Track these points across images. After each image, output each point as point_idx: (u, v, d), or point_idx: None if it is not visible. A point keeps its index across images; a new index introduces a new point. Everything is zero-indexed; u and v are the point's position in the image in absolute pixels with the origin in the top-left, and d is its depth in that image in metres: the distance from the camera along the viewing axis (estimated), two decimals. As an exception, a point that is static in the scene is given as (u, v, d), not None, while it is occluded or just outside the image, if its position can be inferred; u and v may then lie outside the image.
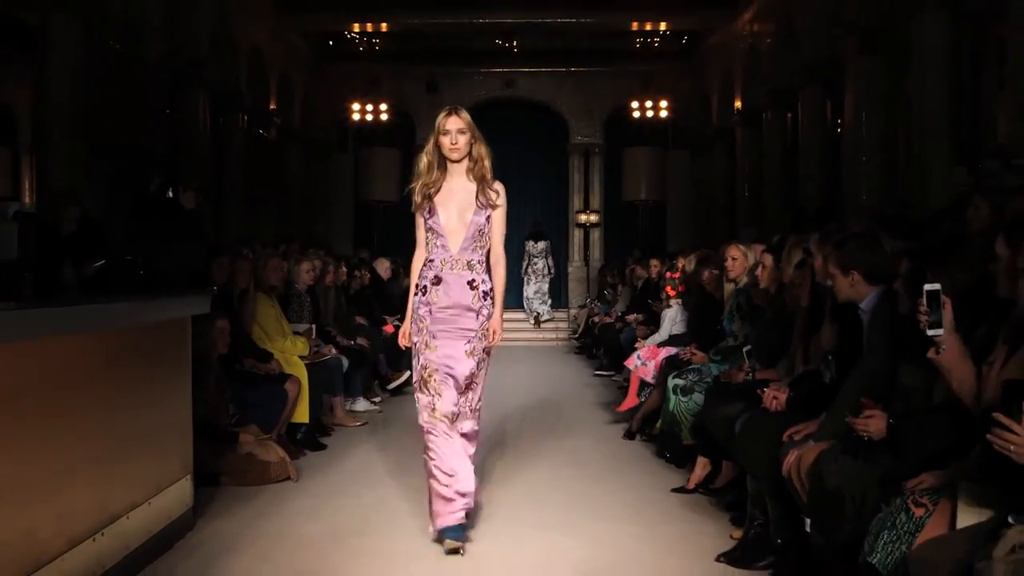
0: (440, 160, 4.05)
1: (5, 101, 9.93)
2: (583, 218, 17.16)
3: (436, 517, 4.02)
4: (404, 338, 4.16)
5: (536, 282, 16.03)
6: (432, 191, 4.04)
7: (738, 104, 13.98)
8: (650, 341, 7.24)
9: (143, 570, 3.73)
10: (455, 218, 4.02)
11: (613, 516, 4.62)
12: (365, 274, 9.80)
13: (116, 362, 3.70)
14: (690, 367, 5.71)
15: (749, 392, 4.29)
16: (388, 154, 16.04)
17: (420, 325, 4.04)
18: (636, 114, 16.49)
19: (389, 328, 8.72)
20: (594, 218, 17.14)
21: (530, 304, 16.00)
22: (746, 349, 4.79)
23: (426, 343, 4.01)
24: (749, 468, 4.00)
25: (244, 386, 5.68)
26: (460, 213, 4.02)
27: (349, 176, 16.82)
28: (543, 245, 16.19)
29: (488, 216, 4.04)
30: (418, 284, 4.09)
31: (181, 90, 10.73)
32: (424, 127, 15.03)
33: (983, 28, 8.16)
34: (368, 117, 16.39)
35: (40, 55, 8.28)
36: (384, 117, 16.43)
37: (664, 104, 16.34)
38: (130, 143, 9.11)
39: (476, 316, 4.01)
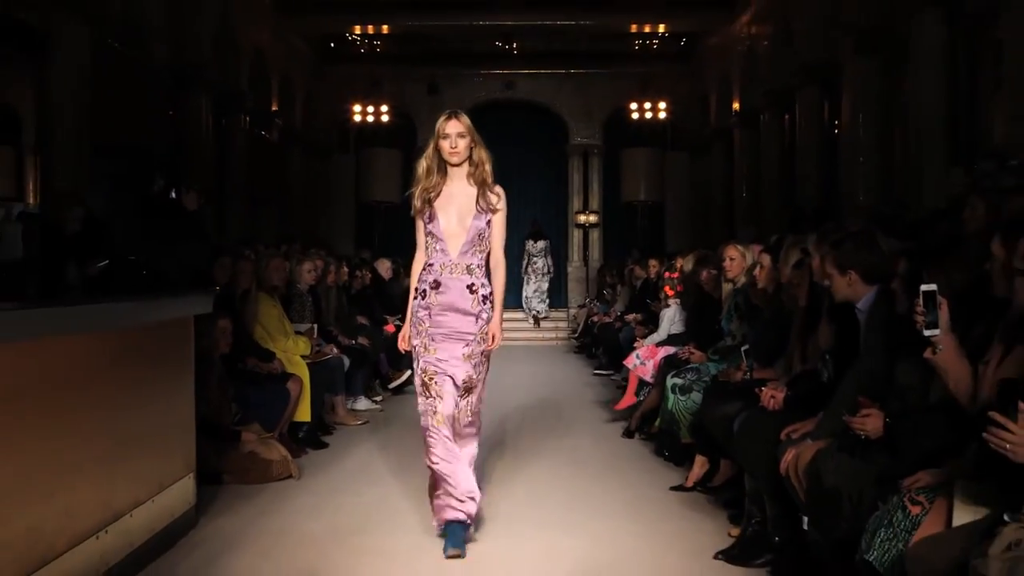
0: (440, 164, 4.00)
1: (8, 101, 9.93)
2: (582, 219, 17.15)
3: (438, 511, 4.04)
4: (404, 342, 4.12)
5: (535, 281, 16.03)
6: (432, 195, 4.00)
7: (736, 105, 13.98)
8: (649, 340, 7.25)
9: (146, 567, 3.73)
10: (455, 222, 3.98)
11: (612, 514, 4.63)
12: (366, 274, 9.80)
13: (119, 362, 3.70)
14: (688, 366, 5.71)
15: (747, 391, 4.29)
16: (389, 155, 16.06)
17: (419, 328, 4.00)
18: (635, 115, 16.48)
19: (390, 328, 8.73)
20: (593, 219, 17.14)
21: (529, 303, 16.00)
22: (744, 348, 4.79)
23: (425, 346, 3.98)
24: (747, 466, 4.00)
25: (246, 385, 5.69)
26: (460, 218, 3.97)
27: (350, 177, 16.82)
28: (542, 244, 16.19)
29: (488, 220, 3.99)
30: (417, 288, 4.05)
31: (183, 91, 10.72)
32: (425, 128, 15.09)
33: (979, 30, 8.15)
34: (369, 118, 16.37)
35: (43, 56, 8.27)
36: (385, 118, 16.41)
37: (663, 105, 16.34)
38: (133, 144, 9.11)
39: (475, 320, 3.97)
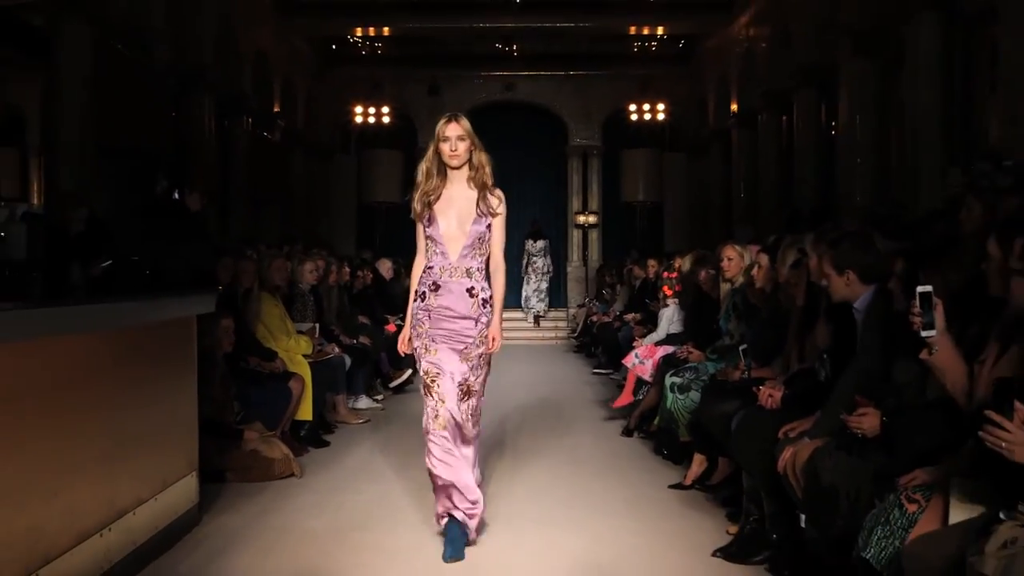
0: (440, 167, 3.97)
1: (14, 103, 9.94)
2: (582, 219, 17.16)
3: (439, 515, 4.04)
4: (404, 344, 4.09)
5: (535, 281, 16.03)
6: (432, 199, 3.96)
7: (734, 107, 13.98)
8: (648, 340, 7.25)
9: (149, 565, 3.74)
10: (455, 226, 3.94)
11: (612, 512, 4.63)
12: (367, 274, 9.80)
13: (122, 361, 3.70)
14: (687, 365, 5.71)
15: (745, 390, 4.29)
16: (390, 156, 16.07)
17: (420, 330, 3.97)
18: (634, 117, 16.49)
19: (391, 327, 8.73)
20: (592, 219, 17.14)
21: (528, 303, 16.00)
22: (742, 348, 4.78)
23: (427, 347, 3.95)
24: (745, 465, 4.00)
25: (249, 384, 5.69)
26: (460, 221, 3.93)
27: (352, 178, 16.81)
28: (542, 244, 16.19)
29: (488, 224, 3.96)
30: (417, 290, 4.01)
31: (187, 94, 10.71)
32: (425, 130, 15.07)
33: (975, 32, 8.15)
34: (370, 120, 16.38)
35: (48, 58, 8.27)
36: (386, 120, 16.42)
37: (661, 107, 16.35)
38: (136, 145, 9.10)
39: (475, 324, 3.93)
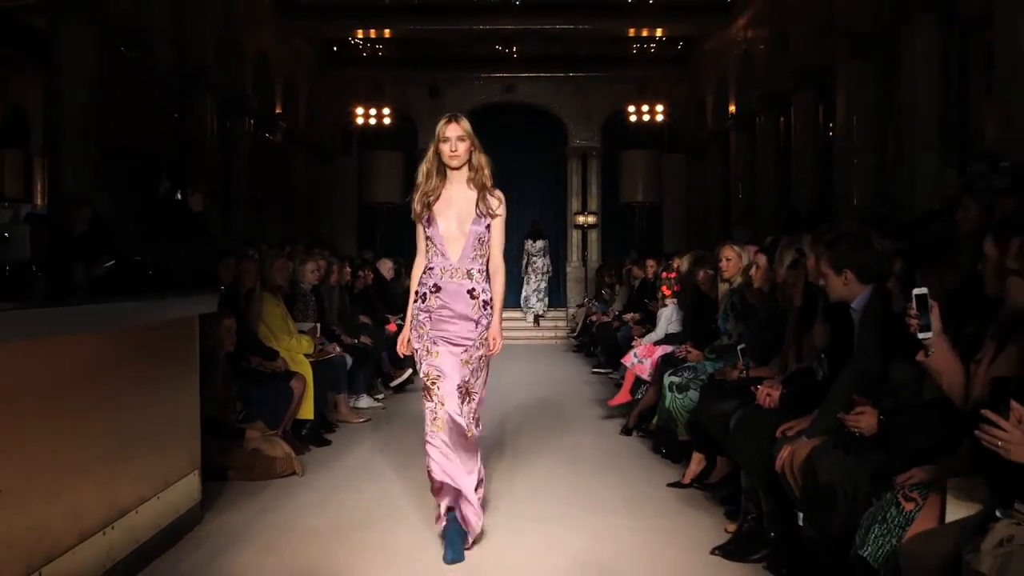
0: (439, 167, 3.93)
1: (17, 104, 9.94)
2: (581, 219, 17.16)
3: (438, 516, 4.03)
4: (403, 345, 4.05)
5: (535, 281, 16.03)
6: (431, 199, 3.93)
7: (732, 108, 13.99)
8: (646, 339, 7.24)
9: (152, 563, 3.74)
10: (454, 227, 3.90)
11: (612, 510, 4.63)
12: (368, 274, 9.80)
13: (125, 360, 3.70)
14: (685, 365, 5.71)
15: (743, 389, 4.29)
16: (391, 157, 16.07)
17: (420, 332, 3.92)
18: (633, 118, 16.49)
19: (392, 327, 8.73)
20: (592, 219, 17.15)
21: (528, 303, 15.99)
22: (740, 347, 4.78)
23: (427, 349, 3.90)
24: (743, 463, 4.00)
25: (250, 383, 5.68)
26: (459, 222, 3.90)
27: (353, 179, 16.83)
28: (541, 244, 16.19)
29: (488, 225, 3.92)
30: (418, 291, 3.95)
31: (189, 95, 10.71)
32: (426, 131, 15.05)
33: (971, 34, 8.15)
34: (371, 121, 16.38)
35: (51, 60, 8.27)
36: (387, 121, 16.42)
37: (660, 108, 16.35)
38: (139, 147, 9.10)
39: (475, 325, 3.88)
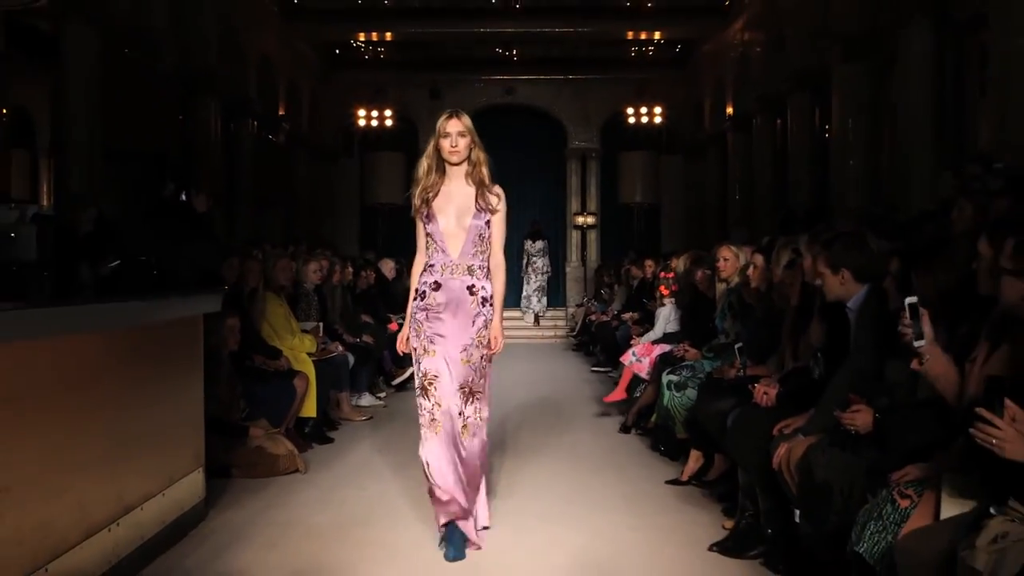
0: (439, 163, 3.89)
1: (23, 106, 9.93)
2: (580, 220, 17.16)
3: (437, 514, 3.96)
4: (402, 343, 4.00)
5: (535, 280, 16.02)
6: (431, 195, 3.88)
7: (730, 110, 14.00)
8: (645, 339, 7.23)
9: (157, 559, 3.74)
10: (454, 223, 3.86)
11: (611, 508, 4.63)
12: (370, 274, 9.80)
13: (131, 359, 3.70)
14: (683, 363, 5.70)
15: (740, 388, 4.29)
16: (392, 158, 16.06)
17: (419, 330, 3.87)
18: (631, 120, 16.49)
19: (393, 326, 8.72)
20: (591, 220, 17.15)
21: (528, 302, 15.98)
22: (738, 346, 4.78)
23: (425, 348, 3.85)
24: (740, 461, 3.99)
25: (254, 382, 5.69)
26: (459, 218, 3.85)
27: (355, 180, 16.84)
28: (541, 244, 16.17)
29: (488, 220, 3.88)
30: (417, 289, 3.90)
31: (193, 97, 10.71)
32: (427, 132, 14.79)
33: (965, 36, 8.15)
34: (373, 123, 16.40)
35: (56, 62, 8.27)
36: (389, 123, 16.42)
37: (658, 110, 16.35)
38: (144, 148, 9.10)
39: (473, 323, 3.83)
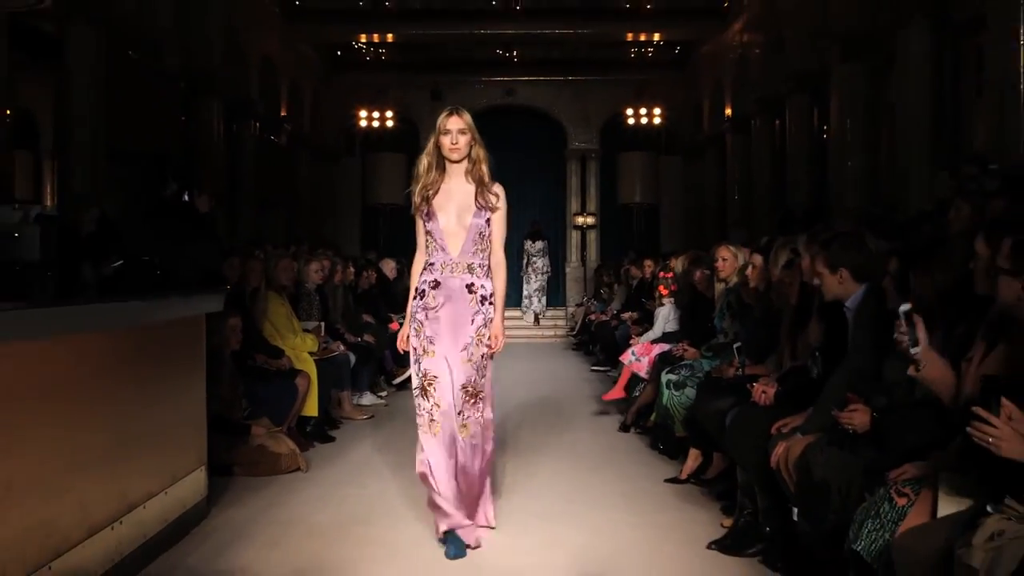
0: (439, 160, 3.85)
1: (27, 107, 9.92)
2: (580, 220, 17.18)
3: (437, 518, 3.90)
4: (403, 342, 3.96)
5: (535, 280, 16.02)
6: (431, 192, 3.84)
7: (728, 111, 13.99)
8: (644, 338, 7.23)
9: (159, 557, 3.74)
10: (454, 221, 3.82)
11: (611, 506, 4.63)
12: (371, 274, 9.79)
13: (133, 358, 3.70)
14: (682, 363, 5.70)
15: (739, 387, 4.29)
16: (394, 159, 16.06)
17: (419, 330, 3.81)
18: (631, 121, 16.49)
19: (395, 326, 8.71)
20: (591, 220, 17.16)
21: (528, 302, 15.97)
22: (736, 346, 4.78)
23: (424, 348, 3.80)
24: (739, 460, 3.99)
25: (256, 381, 5.69)
26: (459, 216, 3.81)
27: (356, 180, 16.85)
28: (541, 244, 16.17)
29: (488, 219, 3.84)
30: (417, 288, 3.86)
31: (196, 98, 10.72)
32: (428, 133, 14.68)
33: (962, 38, 8.15)
34: (375, 124, 16.42)
35: (60, 63, 8.27)
36: (390, 124, 16.44)
37: (658, 111, 16.35)
38: (147, 149, 9.10)
39: (472, 321, 3.79)
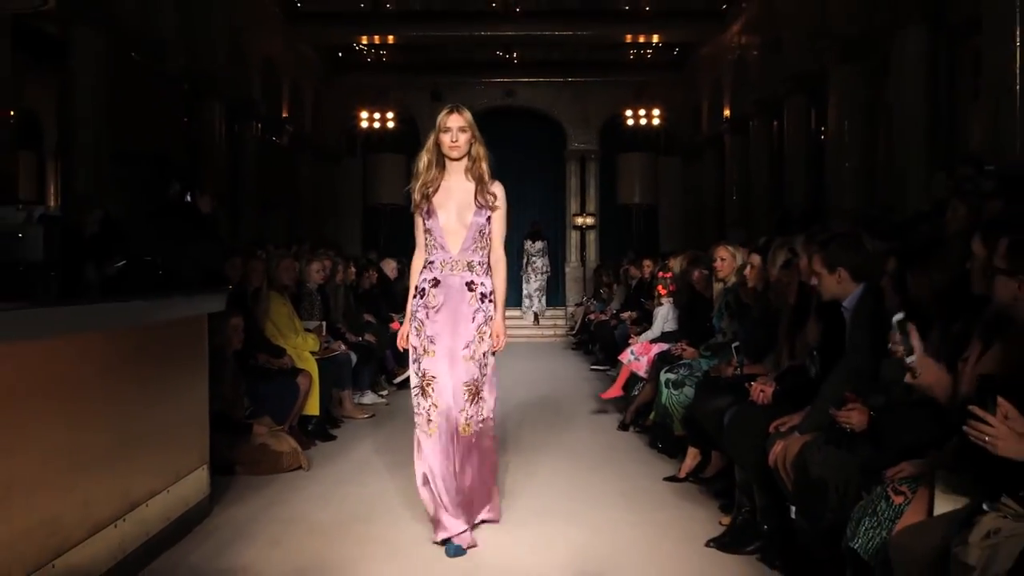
0: (439, 158, 3.82)
1: (31, 108, 9.93)
2: (580, 221, 17.18)
3: (435, 525, 3.84)
4: (403, 340, 3.93)
5: (535, 280, 16.02)
6: (430, 190, 3.80)
7: (727, 112, 13.99)
8: (643, 337, 7.23)
9: (162, 555, 3.74)
10: (455, 219, 3.79)
11: (610, 504, 4.63)
12: (372, 274, 9.79)
13: (136, 358, 3.70)
14: (681, 362, 5.70)
15: (737, 386, 4.29)
16: (395, 160, 16.04)
17: (419, 329, 3.79)
18: (630, 122, 16.48)
19: (395, 325, 8.68)
20: (590, 221, 17.16)
21: (528, 302, 15.97)
22: (734, 345, 4.78)
23: (425, 348, 3.77)
24: (737, 458, 3.99)
25: (258, 380, 5.69)
26: (460, 214, 3.78)
27: (357, 181, 16.85)
28: (540, 244, 16.16)
29: (488, 217, 3.81)
30: (417, 286, 3.84)
31: (198, 100, 10.71)
32: (428, 134, 14.89)
33: (959, 40, 8.15)
34: (376, 124, 16.43)
35: (63, 65, 8.27)
36: (391, 125, 16.45)
37: (657, 112, 16.34)
38: (150, 150, 9.10)
39: (473, 319, 3.76)
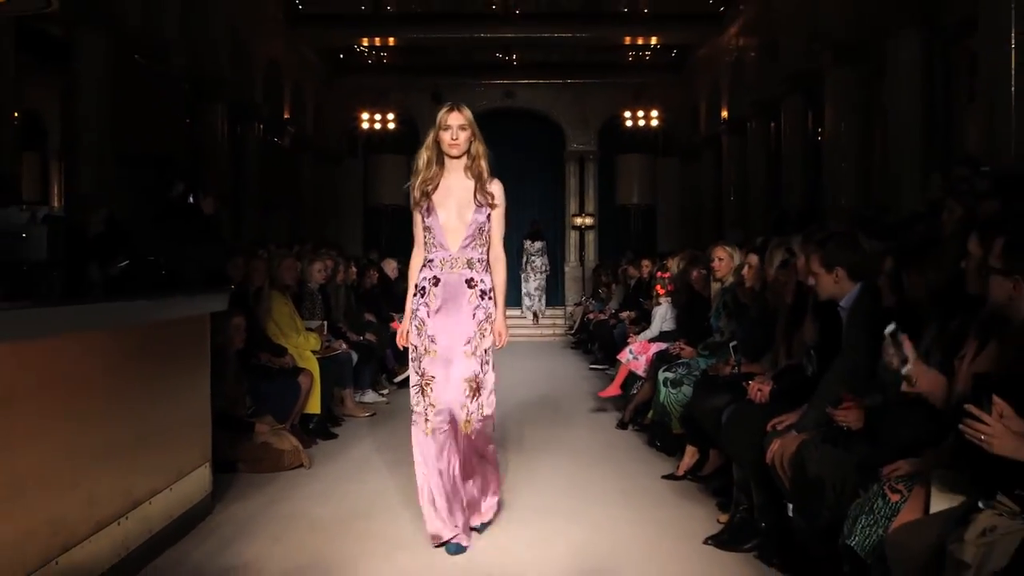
0: (439, 156, 3.80)
1: (35, 109, 9.93)
2: (579, 221, 17.18)
3: (427, 523, 3.81)
4: (402, 338, 3.90)
5: (534, 279, 16.02)
6: (430, 188, 3.77)
7: (724, 114, 13.99)
8: (641, 337, 7.23)
9: (164, 552, 3.74)
10: (454, 217, 3.76)
11: (609, 502, 4.63)
12: (373, 274, 9.79)
13: (139, 357, 3.70)
14: (679, 361, 5.70)
15: (735, 385, 4.29)
16: (395, 160, 16.02)
17: (420, 328, 3.76)
18: (629, 123, 16.49)
19: (396, 325, 8.60)
20: (589, 221, 17.16)
21: (527, 301, 15.97)
22: (732, 344, 4.78)
23: (426, 348, 3.75)
24: (735, 456, 3.99)
25: (260, 379, 5.69)
26: (459, 212, 3.76)
27: (358, 181, 16.86)
28: (540, 244, 16.15)
29: (488, 215, 3.79)
30: (417, 285, 3.81)
31: (200, 101, 10.71)
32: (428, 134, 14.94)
33: (954, 42, 8.15)
34: (376, 126, 16.45)
35: (67, 67, 8.27)
36: (391, 126, 16.47)
37: (655, 114, 16.35)
38: (153, 151, 9.10)
39: (473, 315, 3.74)
